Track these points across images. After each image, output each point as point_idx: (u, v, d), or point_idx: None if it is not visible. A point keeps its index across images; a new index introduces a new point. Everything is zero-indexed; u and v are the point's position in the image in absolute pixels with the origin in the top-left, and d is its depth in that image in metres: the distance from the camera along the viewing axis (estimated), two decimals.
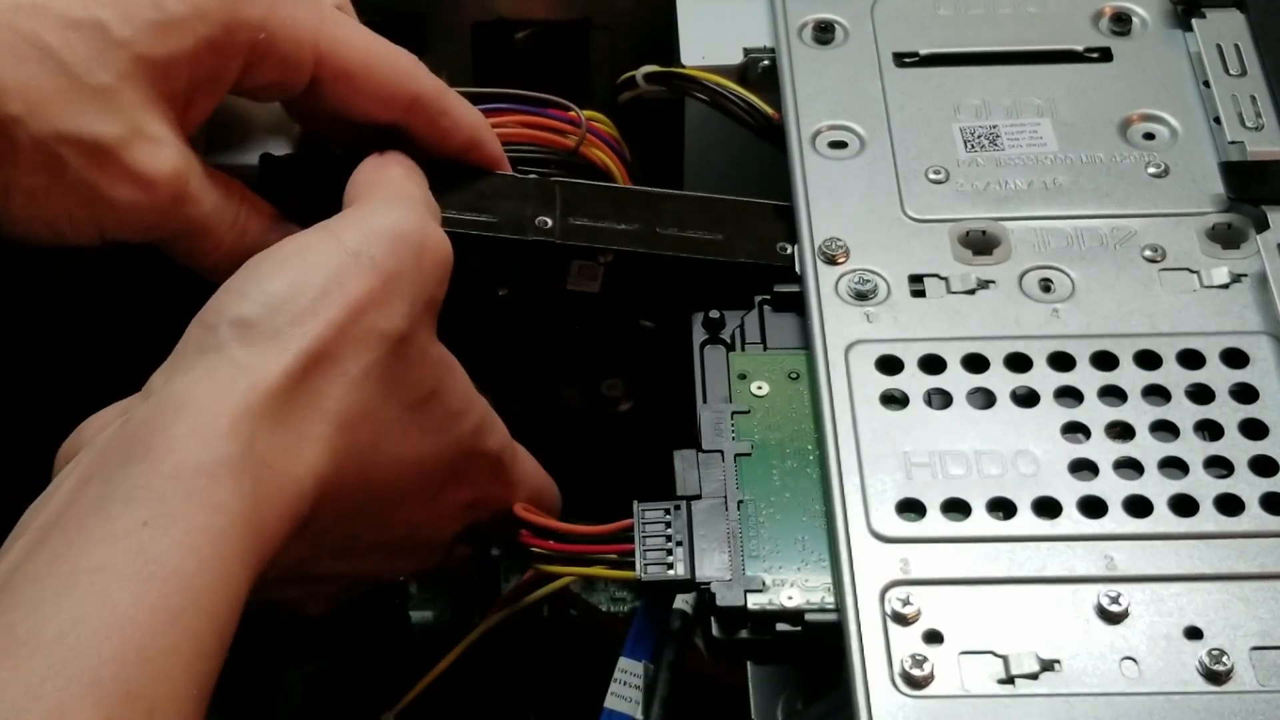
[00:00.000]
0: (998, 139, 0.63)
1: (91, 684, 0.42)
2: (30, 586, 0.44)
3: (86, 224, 0.55)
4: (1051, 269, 0.59)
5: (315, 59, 0.57)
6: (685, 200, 0.63)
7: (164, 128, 0.55)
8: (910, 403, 0.55)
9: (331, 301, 0.51)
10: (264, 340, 0.49)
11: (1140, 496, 0.52)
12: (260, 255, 0.52)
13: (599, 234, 0.61)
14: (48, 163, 0.53)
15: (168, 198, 0.55)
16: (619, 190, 0.63)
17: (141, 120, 0.54)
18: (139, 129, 0.54)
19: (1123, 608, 0.50)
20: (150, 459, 0.46)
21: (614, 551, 0.56)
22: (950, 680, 0.49)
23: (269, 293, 0.51)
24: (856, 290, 0.58)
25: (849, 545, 0.52)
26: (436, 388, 0.54)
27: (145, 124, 0.54)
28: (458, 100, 0.61)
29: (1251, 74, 0.63)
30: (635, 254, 0.61)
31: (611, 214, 0.62)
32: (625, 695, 0.56)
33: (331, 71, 0.57)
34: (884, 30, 0.66)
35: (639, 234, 0.61)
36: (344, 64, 0.58)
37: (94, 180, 0.54)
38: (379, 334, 0.51)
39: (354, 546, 0.54)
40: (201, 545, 0.45)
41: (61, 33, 0.53)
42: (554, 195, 0.62)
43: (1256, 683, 0.48)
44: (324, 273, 0.51)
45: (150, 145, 0.54)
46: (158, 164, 0.54)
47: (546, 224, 0.61)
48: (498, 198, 0.61)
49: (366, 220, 0.54)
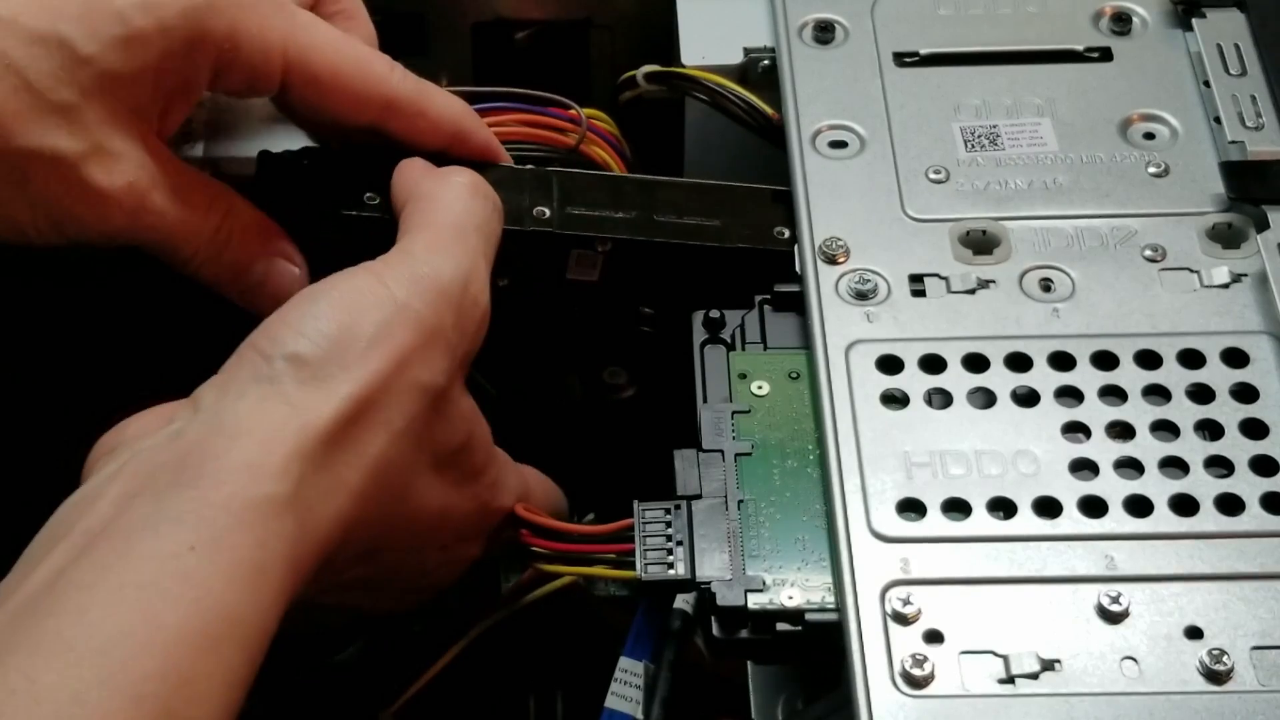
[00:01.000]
0: (998, 139, 0.63)
1: (134, 698, 0.42)
2: (78, 594, 0.44)
3: (49, 231, 0.56)
4: (1051, 269, 0.59)
5: (284, 66, 0.57)
6: (682, 187, 0.63)
7: (125, 142, 0.55)
8: (910, 402, 0.55)
9: (381, 351, 0.51)
10: (317, 381, 0.50)
11: (1140, 496, 0.52)
12: (313, 290, 0.53)
13: (597, 223, 0.61)
14: (10, 176, 0.54)
15: (123, 212, 0.55)
16: (616, 179, 0.63)
17: (102, 136, 0.54)
18: (99, 144, 0.54)
19: (1123, 607, 0.50)
20: (203, 486, 0.47)
21: (614, 551, 0.56)
22: (950, 680, 0.49)
23: (324, 334, 0.51)
24: (857, 290, 0.58)
25: (849, 545, 0.52)
26: (466, 441, 0.55)
27: (106, 139, 0.55)
28: (436, 99, 0.61)
29: (1251, 74, 0.63)
30: (634, 242, 0.61)
31: (609, 202, 0.62)
32: (625, 695, 0.56)
33: (301, 78, 0.58)
34: (884, 30, 0.66)
35: (637, 222, 0.61)
36: (313, 70, 0.58)
37: (53, 193, 0.54)
38: (420, 387, 0.52)
39: (361, 585, 0.55)
40: (246, 577, 0.46)
41: (26, 48, 0.53)
42: (551, 185, 0.62)
43: (1257, 683, 0.48)
44: (375, 320, 0.51)
45: (108, 161, 0.55)
46: (113, 179, 0.55)
47: (544, 214, 0.61)
48: (495, 189, 0.61)
49: (413, 268, 0.54)
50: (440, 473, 0.54)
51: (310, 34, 0.58)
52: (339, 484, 0.50)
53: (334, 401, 0.50)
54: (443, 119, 0.60)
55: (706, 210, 0.62)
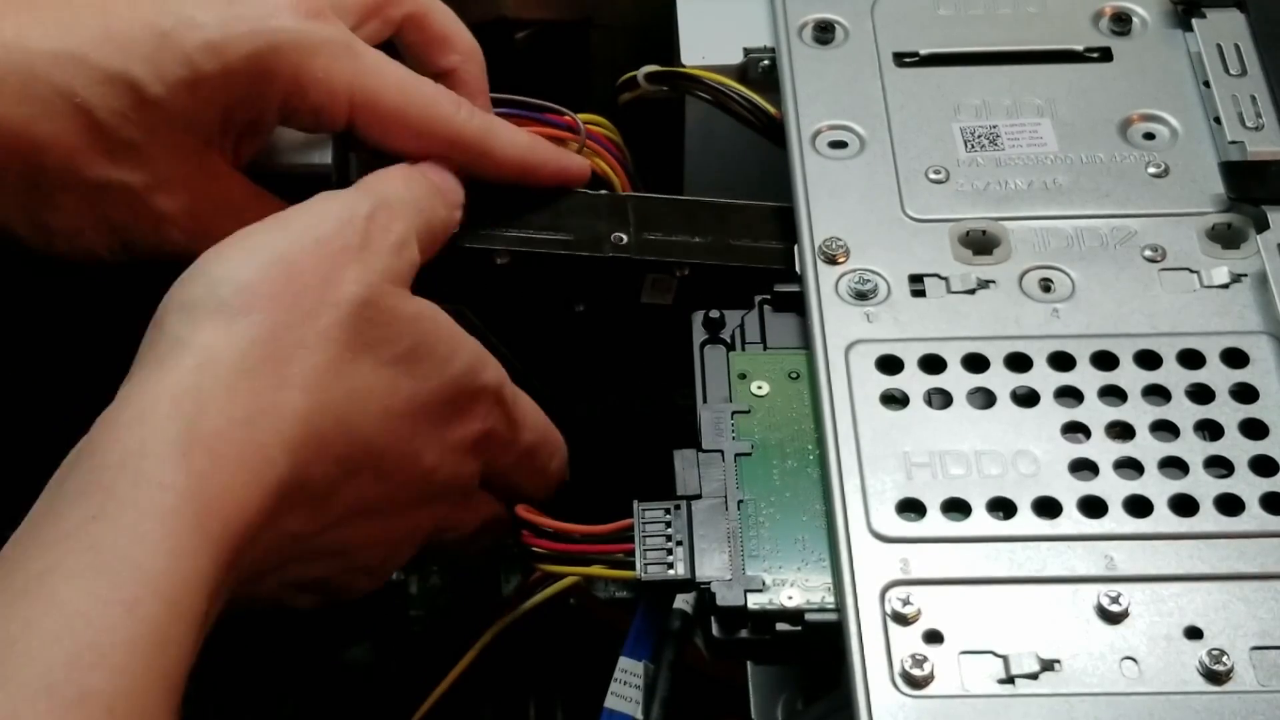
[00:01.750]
0: (998, 139, 0.63)
1: (43, 689, 0.42)
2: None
3: (121, 252, 0.58)
4: (1051, 269, 0.59)
5: (350, 106, 0.58)
6: (755, 210, 0.63)
7: (189, 170, 0.57)
8: (910, 403, 0.55)
9: (276, 277, 0.51)
10: (208, 319, 0.50)
11: (1140, 496, 0.52)
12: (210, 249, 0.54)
13: (673, 248, 0.62)
14: (84, 203, 0.56)
15: (185, 234, 0.57)
16: (690, 203, 0.64)
17: (166, 168, 0.56)
18: (164, 176, 0.56)
19: (1123, 608, 0.50)
20: (96, 452, 0.47)
21: (614, 551, 0.56)
22: (950, 680, 0.49)
23: (211, 275, 0.52)
24: (856, 290, 0.58)
25: (849, 545, 0.52)
26: (417, 340, 0.54)
27: (170, 171, 0.56)
28: (502, 136, 0.61)
29: (1251, 74, 0.63)
30: (711, 266, 0.61)
31: (684, 227, 0.62)
32: (625, 695, 0.56)
33: (367, 118, 0.58)
34: (884, 30, 0.66)
35: (712, 246, 0.62)
36: (378, 113, 0.58)
37: (123, 218, 0.56)
38: (332, 303, 0.52)
39: (363, 508, 0.54)
40: (151, 529, 0.45)
41: (95, 87, 0.54)
42: (626, 210, 0.62)
43: (1256, 683, 0.48)
44: (267, 253, 0.52)
45: (172, 189, 0.56)
46: (177, 205, 0.56)
47: (622, 240, 0.61)
48: (571, 215, 0.62)
49: (315, 205, 0.55)
50: (400, 371, 0.54)
51: (377, 76, 0.58)
52: (266, 407, 0.49)
53: (232, 332, 0.50)
54: (508, 156, 0.61)
55: (781, 233, 0.62)
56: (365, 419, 0.53)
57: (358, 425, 0.52)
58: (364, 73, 0.58)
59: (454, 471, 0.57)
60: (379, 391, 0.53)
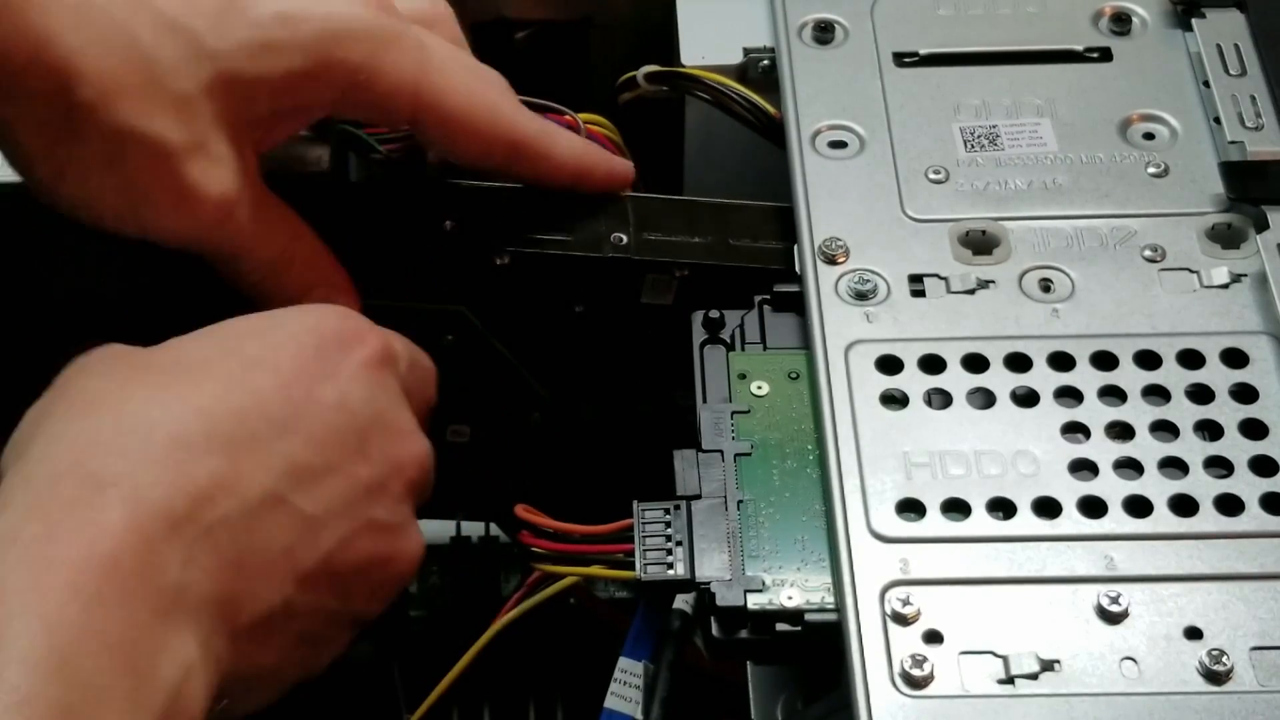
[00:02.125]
0: (998, 139, 0.63)
1: None
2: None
3: (129, 220, 0.55)
4: (1051, 269, 0.59)
5: (413, 105, 0.57)
6: (756, 211, 0.63)
7: (228, 147, 0.54)
8: (910, 403, 0.55)
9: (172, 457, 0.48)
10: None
11: (1140, 496, 0.52)
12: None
13: (674, 248, 0.61)
14: (108, 155, 0.53)
15: (211, 218, 0.55)
16: (690, 203, 0.63)
17: (208, 135, 0.54)
18: (203, 144, 0.54)
19: (1123, 608, 0.50)
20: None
21: (614, 551, 0.56)
22: (950, 680, 0.49)
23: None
24: (856, 290, 0.58)
25: (849, 545, 0.52)
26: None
27: (211, 140, 0.54)
28: (560, 141, 0.61)
29: (1251, 74, 0.63)
30: (710, 266, 0.61)
31: (684, 227, 0.62)
32: (625, 695, 0.56)
33: (432, 119, 0.57)
34: (884, 30, 0.66)
35: (712, 246, 0.62)
36: (443, 114, 0.57)
37: (147, 183, 0.53)
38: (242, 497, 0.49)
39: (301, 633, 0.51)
40: None
41: (155, 31, 0.52)
42: (626, 211, 0.62)
43: (1256, 683, 0.48)
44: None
45: (209, 163, 0.54)
46: (210, 183, 0.54)
47: (622, 240, 0.61)
48: (571, 215, 0.61)
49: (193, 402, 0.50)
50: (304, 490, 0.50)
51: (445, 77, 0.57)
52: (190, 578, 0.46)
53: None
54: (567, 161, 0.61)
55: (781, 233, 0.62)
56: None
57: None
58: (433, 70, 0.57)
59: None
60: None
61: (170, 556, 0.45)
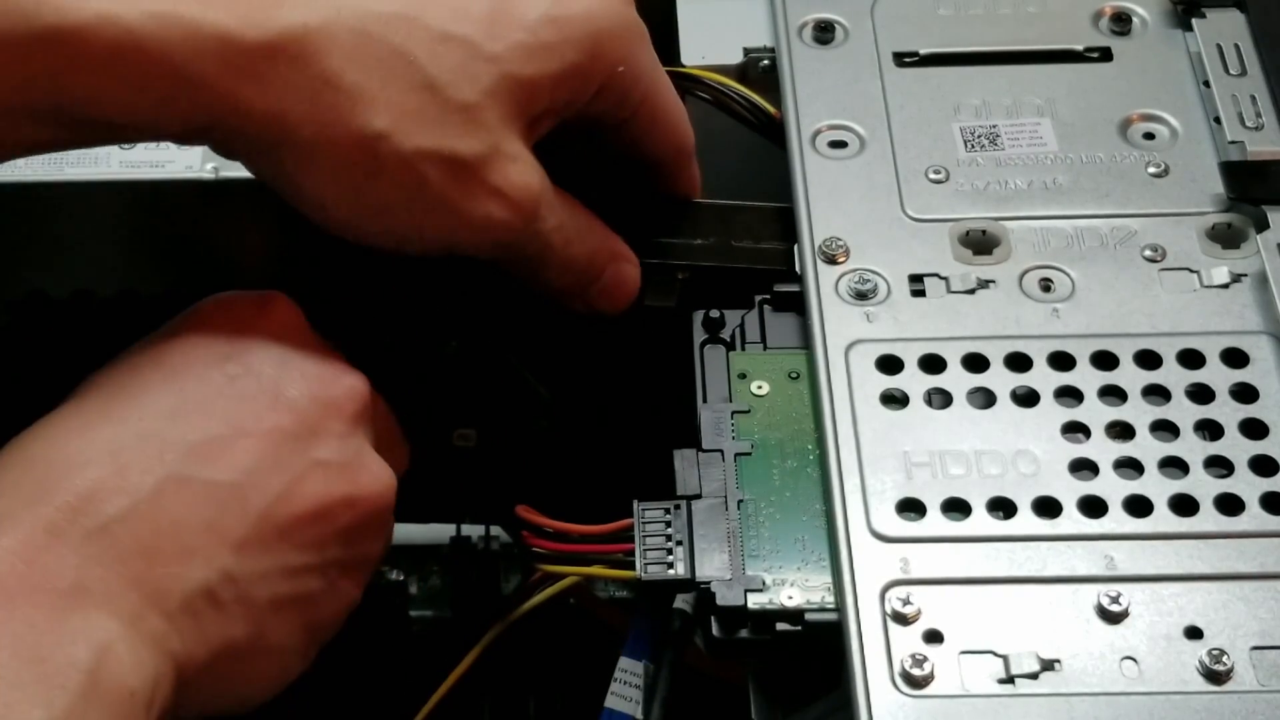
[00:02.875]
0: (998, 139, 0.63)
1: None
2: None
3: (436, 239, 0.55)
4: (1051, 269, 0.59)
5: (644, 96, 0.58)
6: (758, 212, 0.63)
7: (520, 145, 0.55)
8: (910, 402, 0.55)
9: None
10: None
11: (1140, 496, 0.52)
12: None
13: (676, 250, 0.62)
14: (409, 179, 0.53)
15: (526, 215, 0.55)
16: (692, 204, 0.63)
17: (500, 138, 0.54)
18: (498, 147, 0.54)
19: (1123, 608, 0.50)
20: None
21: (614, 551, 0.56)
22: (950, 680, 0.49)
23: None
24: (856, 290, 0.58)
25: (849, 545, 0.52)
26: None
27: (504, 142, 0.54)
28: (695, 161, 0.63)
29: (1251, 74, 0.63)
30: (713, 268, 0.61)
31: (686, 229, 0.62)
32: (625, 695, 0.56)
33: (648, 113, 0.59)
34: (884, 30, 0.66)
35: (715, 248, 0.62)
36: (659, 109, 0.59)
37: (453, 197, 0.54)
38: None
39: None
40: None
41: (430, 46, 0.53)
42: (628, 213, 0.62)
43: (1256, 683, 0.48)
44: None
45: (510, 163, 0.54)
46: (516, 181, 0.55)
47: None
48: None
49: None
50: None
51: (663, 76, 0.59)
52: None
53: None
54: (695, 177, 0.63)
55: (783, 234, 0.62)
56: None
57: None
58: (658, 69, 0.58)
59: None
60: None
61: (60, 563, 0.46)
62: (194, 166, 0.62)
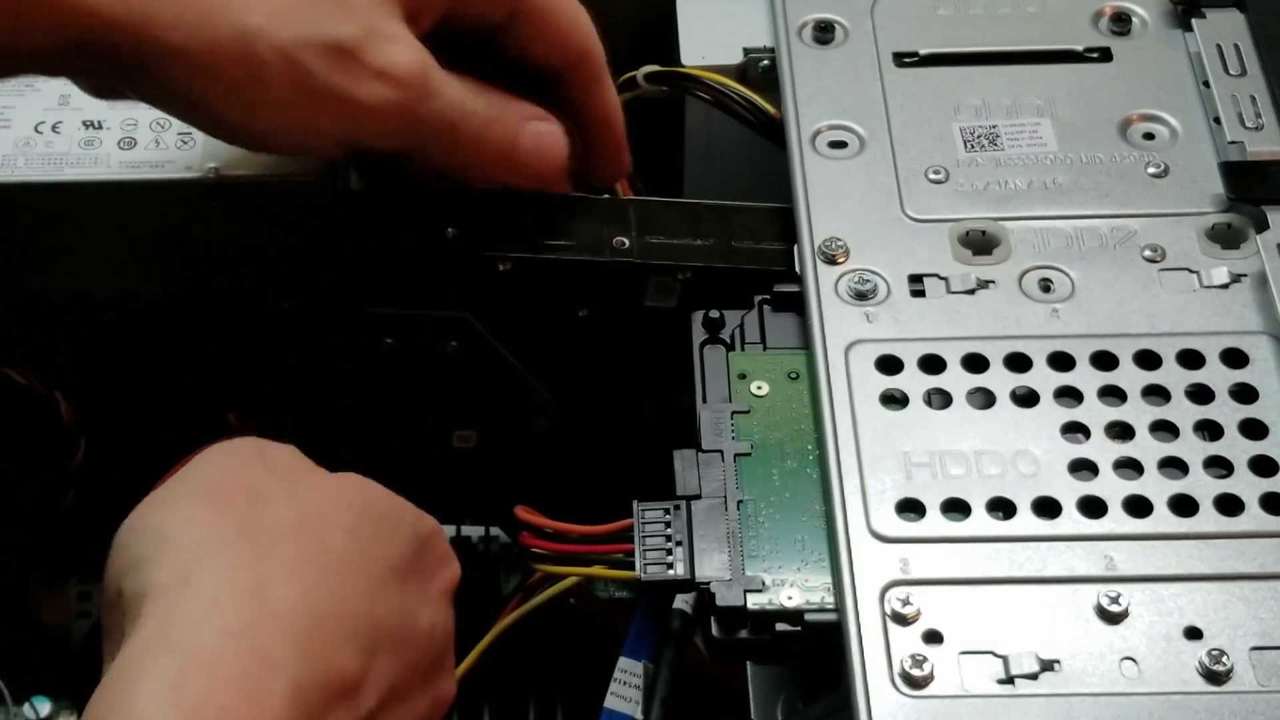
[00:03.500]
0: (998, 139, 0.63)
1: None
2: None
3: (333, 132, 0.55)
4: (1051, 269, 0.59)
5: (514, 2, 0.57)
6: (758, 212, 0.63)
7: (399, 26, 0.55)
8: (910, 403, 0.55)
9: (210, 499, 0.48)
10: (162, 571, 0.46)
11: (1140, 496, 0.52)
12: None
13: (676, 251, 0.61)
14: (291, 72, 0.53)
15: (413, 92, 0.55)
16: (692, 205, 0.63)
17: (376, 19, 0.54)
18: (375, 27, 0.54)
19: (1123, 608, 0.50)
20: None
21: (614, 551, 0.56)
22: (950, 680, 0.49)
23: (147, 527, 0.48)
24: (856, 290, 0.58)
25: (849, 545, 0.52)
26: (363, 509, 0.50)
27: (380, 22, 0.54)
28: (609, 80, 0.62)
29: (1251, 74, 0.63)
30: (713, 269, 0.61)
31: (686, 230, 0.62)
32: (625, 695, 0.56)
33: (530, 10, 0.58)
34: (884, 30, 0.66)
35: (715, 249, 0.62)
36: (545, 7, 0.58)
37: (338, 83, 0.54)
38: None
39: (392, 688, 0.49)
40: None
41: None
42: (628, 214, 0.62)
43: (1256, 683, 0.48)
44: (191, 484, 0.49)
45: (389, 43, 0.55)
46: (400, 59, 0.55)
47: (624, 244, 0.61)
48: (573, 220, 0.61)
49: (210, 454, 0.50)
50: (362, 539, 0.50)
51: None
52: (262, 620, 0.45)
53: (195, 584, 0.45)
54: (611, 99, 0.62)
55: (783, 234, 0.62)
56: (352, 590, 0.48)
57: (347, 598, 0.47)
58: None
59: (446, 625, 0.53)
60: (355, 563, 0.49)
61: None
62: (194, 166, 0.62)
